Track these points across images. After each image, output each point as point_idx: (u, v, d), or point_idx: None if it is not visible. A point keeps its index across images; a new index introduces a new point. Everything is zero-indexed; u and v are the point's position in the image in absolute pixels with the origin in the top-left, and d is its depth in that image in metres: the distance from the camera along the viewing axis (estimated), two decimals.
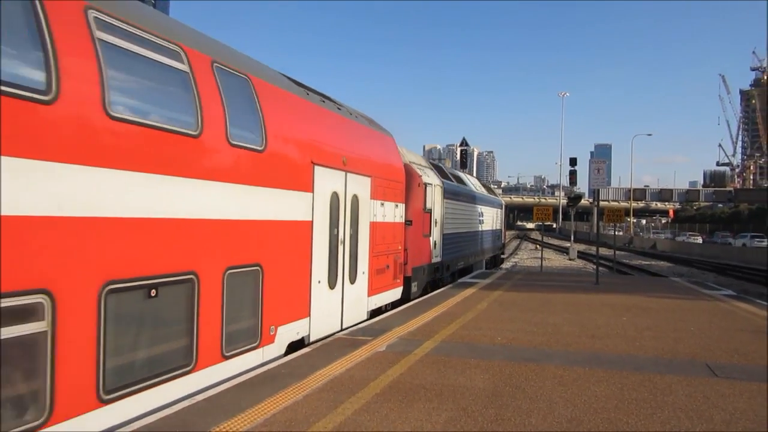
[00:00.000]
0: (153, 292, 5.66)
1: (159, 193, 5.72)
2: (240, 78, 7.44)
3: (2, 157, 4.12)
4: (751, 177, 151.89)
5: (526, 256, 46.96)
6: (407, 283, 14.15)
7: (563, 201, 71.47)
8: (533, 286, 17.77)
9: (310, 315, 8.93)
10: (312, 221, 8.97)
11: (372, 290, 11.68)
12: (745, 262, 42.56)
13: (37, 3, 4.51)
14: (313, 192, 8.96)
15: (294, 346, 8.43)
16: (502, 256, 37.44)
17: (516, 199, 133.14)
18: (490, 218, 27.82)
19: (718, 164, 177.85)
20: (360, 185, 10.91)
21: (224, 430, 5.19)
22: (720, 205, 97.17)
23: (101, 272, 5.00)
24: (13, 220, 4.20)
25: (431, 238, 16.10)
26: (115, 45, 5.34)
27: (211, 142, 6.56)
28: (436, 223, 16.54)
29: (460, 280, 18.85)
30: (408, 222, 14.30)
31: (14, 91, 4.23)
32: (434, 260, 16.59)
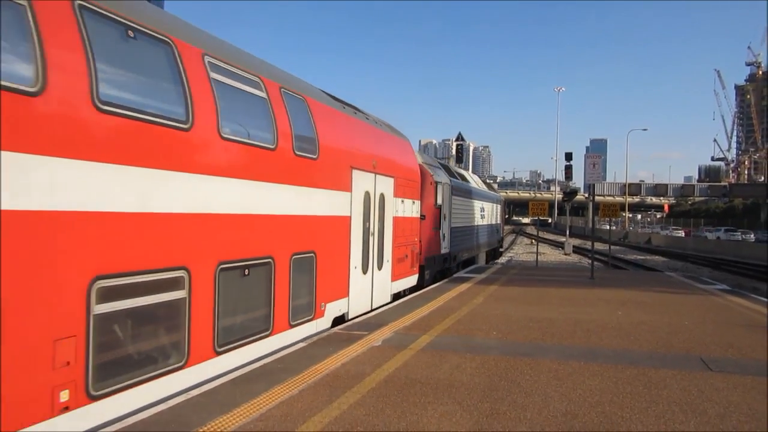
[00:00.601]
0: (246, 272, 7.33)
1: (248, 194, 7.37)
2: (299, 99, 9.01)
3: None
4: (746, 172, 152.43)
5: (521, 251, 47.02)
6: (421, 271, 15.65)
7: (559, 196, 71.65)
8: (529, 280, 17.81)
9: (348, 295, 10.61)
10: (350, 216, 10.62)
11: (394, 276, 13.35)
12: (739, 257, 42.73)
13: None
14: (351, 191, 10.60)
15: (336, 321, 10.06)
16: (501, 249, 38.70)
17: (512, 194, 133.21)
18: (491, 213, 29.39)
19: (713, 159, 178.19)
20: (386, 185, 12.57)
21: (219, 424, 5.18)
22: (715, 200, 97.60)
23: (216, 256, 6.69)
24: (168, 217, 5.98)
25: (441, 231, 17.58)
26: (223, 82, 7.03)
27: (283, 153, 8.16)
28: (444, 217, 17.92)
29: (455, 275, 18.90)
30: (422, 216, 15.73)
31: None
32: (443, 251, 18.05)
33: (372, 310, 11.56)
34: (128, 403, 5.35)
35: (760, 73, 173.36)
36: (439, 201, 17.09)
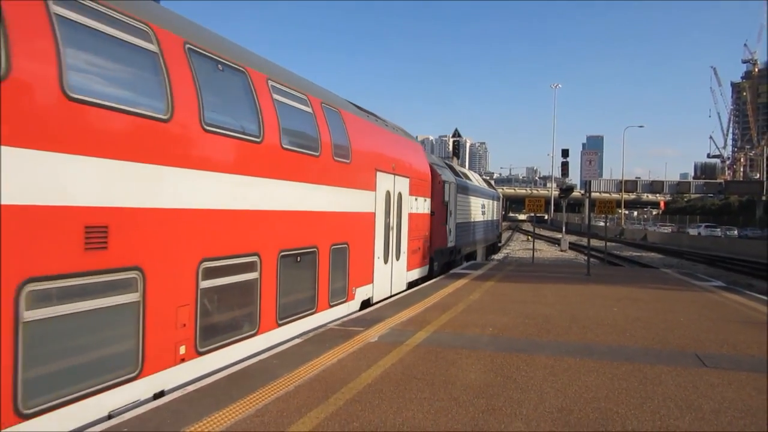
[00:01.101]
0: (298, 258, 8.93)
1: (301, 195, 8.97)
2: (335, 112, 10.58)
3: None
4: (742, 169, 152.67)
5: (517, 247, 47.11)
6: (431, 262, 17.27)
7: (555, 192, 71.72)
8: (524, 277, 17.83)
9: (373, 282, 12.35)
10: (375, 212, 12.24)
11: (409, 266, 15.15)
12: (734, 253, 42.91)
13: None
14: (375, 191, 12.23)
15: (363, 305, 11.69)
16: (499, 244, 40.71)
17: (508, 191, 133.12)
18: (491, 209, 31.36)
19: (709, 156, 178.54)
20: (402, 184, 14.20)
21: (215, 420, 5.18)
22: (711, 197, 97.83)
23: (278, 245, 8.23)
24: (248, 213, 7.52)
25: (447, 226, 19.03)
26: (281, 101, 8.48)
27: (326, 160, 9.77)
28: (450, 213, 19.38)
29: (451, 271, 18.93)
30: (432, 213, 17.31)
31: None
32: (449, 245, 19.56)
33: (392, 296, 13.20)
34: (220, 360, 6.92)
35: (756, 70, 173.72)
36: (446, 198, 18.49)
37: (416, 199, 15.49)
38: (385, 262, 13.03)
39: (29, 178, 4.53)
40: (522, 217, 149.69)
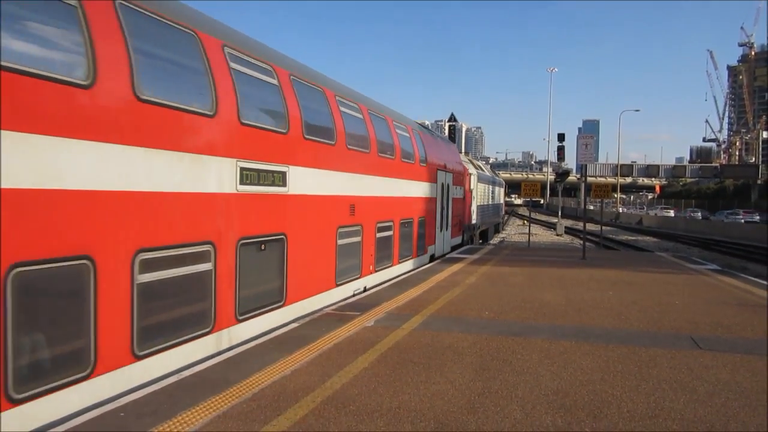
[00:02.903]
0: (407, 225, 14.76)
1: (407, 187, 14.59)
2: (416, 133, 16.55)
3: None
4: (737, 153, 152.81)
5: (513, 232, 47.17)
6: (462, 234, 23.45)
7: (551, 177, 71.68)
8: (521, 261, 17.88)
9: (435, 243, 18.24)
10: (436, 197, 18.01)
11: (452, 235, 21.08)
12: (728, 237, 43.08)
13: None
14: (436, 183, 17.94)
15: (431, 258, 17.72)
16: (501, 223, 48.88)
17: (504, 175, 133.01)
18: (498, 195, 39.43)
19: (704, 140, 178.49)
20: (449, 178, 19.90)
21: (212, 404, 5.19)
22: (706, 181, 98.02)
23: (402, 215, 14.03)
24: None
25: (471, 208, 25.82)
26: (399, 133, 14.71)
27: (417, 165, 15.86)
28: (474, 198, 26.23)
29: (448, 255, 19.01)
30: (463, 198, 23.07)
31: None
32: (473, 222, 26.51)
33: (443, 255, 19.09)
34: (377, 279, 12.37)
35: (753, 53, 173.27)
36: (471, 187, 25.22)
37: (456, 188, 21.19)
38: (440, 231, 18.86)
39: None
40: (518, 201, 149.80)
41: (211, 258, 6.84)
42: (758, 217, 63.03)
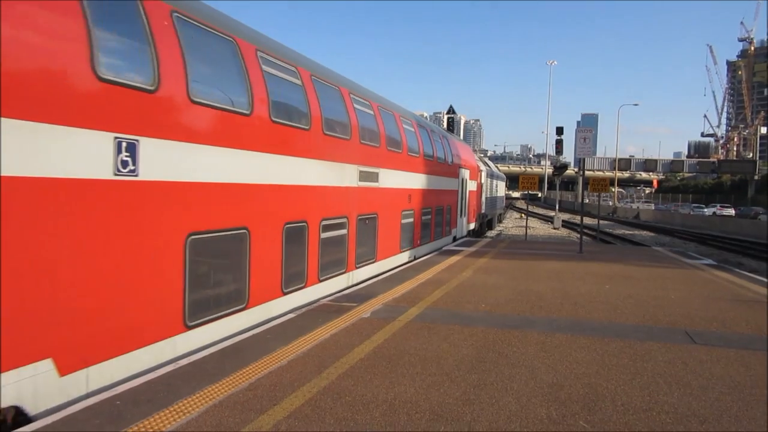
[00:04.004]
0: (438, 211, 19.08)
1: (444, 182, 19.84)
2: (447, 138, 21.60)
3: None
4: (735, 148, 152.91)
5: (511, 225, 47.22)
6: (476, 221, 28.19)
7: (549, 170, 71.64)
8: (518, 254, 17.91)
9: (456, 227, 22.63)
10: (458, 190, 22.13)
11: (468, 221, 25.85)
12: (725, 232, 43.20)
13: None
14: (458, 178, 22.02)
15: (454, 239, 22.26)
16: (502, 214, 55.53)
17: (502, 168, 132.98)
18: (501, 188, 46.60)
19: (703, 135, 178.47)
20: (466, 173, 24.01)
21: (208, 393, 5.21)
22: (703, 176, 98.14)
23: (435, 203, 18.52)
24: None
25: (482, 199, 30.37)
26: (440, 140, 20.10)
27: (447, 164, 20.23)
28: (483, 191, 30.50)
29: (445, 248, 19.02)
30: (476, 190, 27.67)
31: None
32: (483, 211, 31.21)
33: (464, 236, 24.33)
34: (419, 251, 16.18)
35: (752, 49, 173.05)
36: (482, 181, 29.67)
37: (471, 182, 25.61)
38: (460, 217, 23.36)
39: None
40: (516, 194, 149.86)
41: (346, 227, 11.21)
42: (732, 211, 63.89)
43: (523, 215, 60.33)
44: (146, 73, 5.84)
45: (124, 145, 5.48)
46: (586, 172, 22.54)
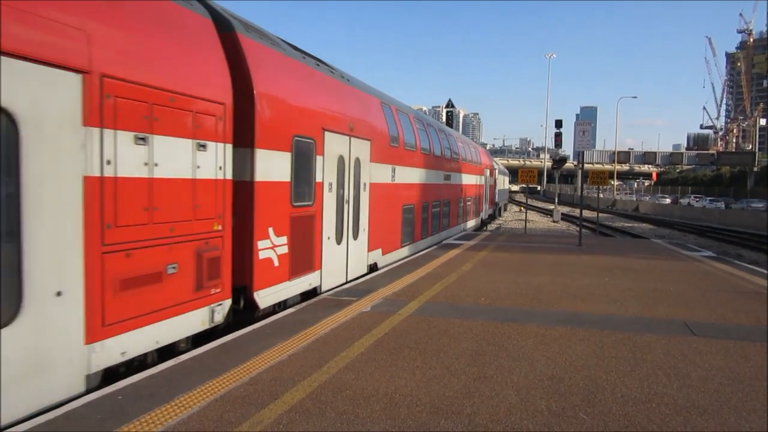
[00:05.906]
0: (470, 200, 27.18)
1: (477, 180, 28.97)
2: (479, 148, 32.13)
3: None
4: (734, 140, 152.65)
5: (510, 218, 47.23)
6: (492, 207, 35.13)
7: (548, 163, 71.67)
8: (517, 247, 17.93)
9: (482, 211, 31.06)
10: (483, 184, 30.42)
11: (489, 207, 33.41)
12: (724, 224, 43.24)
13: None
14: (483, 175, 30.52)
15: (482, 223, 31.83)
16: (506, 204, 60.61)
17: (501, 161, 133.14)
18: (506, 182, 55.10)
19: (702, 127, 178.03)
20: (487, 171, 31.56)
21: (210, 388, 5.22)
22: (703, 168, 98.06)
23: (469, 194, 26.59)
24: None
25: (495, 191, 37.31)
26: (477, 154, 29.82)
27: (477, 165, 28.51)
28: (495, 184, 37.25)
29: (444, 242, 19.03)
30: (492, 184, 34.25)
31: None
32: (495, 200, 37.87)
33: (486, 219, 32.38)
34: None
35: (751, 40, 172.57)
36: (496, 177, 36.83)
37: (490, 178, 32.84)
38: (485, 203, 30.35)
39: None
40: (515, 188, 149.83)
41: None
42: (722, 204, 64.16)
43: (522, 208, 60.38)
44: (394, 138, 13.99)
45: (392, 169, 13.76)
46: (586, 165, 22.50)
